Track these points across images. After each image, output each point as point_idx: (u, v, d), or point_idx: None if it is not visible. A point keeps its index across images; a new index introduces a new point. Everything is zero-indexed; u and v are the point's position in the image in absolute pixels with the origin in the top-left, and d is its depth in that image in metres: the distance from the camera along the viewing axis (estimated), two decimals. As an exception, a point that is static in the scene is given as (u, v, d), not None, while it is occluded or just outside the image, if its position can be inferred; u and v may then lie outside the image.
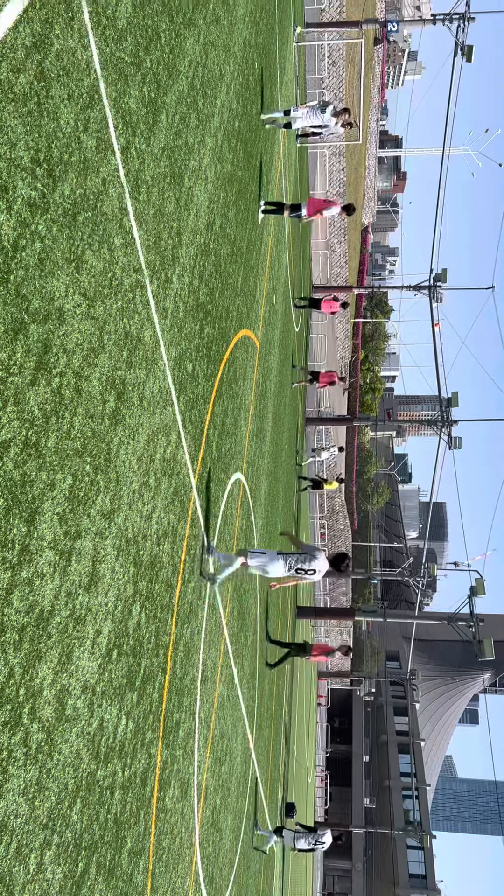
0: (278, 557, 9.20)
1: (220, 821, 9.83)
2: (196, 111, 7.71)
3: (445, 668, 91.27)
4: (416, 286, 35.72)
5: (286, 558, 9.24)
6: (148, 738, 6.07)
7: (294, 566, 9.24)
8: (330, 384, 25.81)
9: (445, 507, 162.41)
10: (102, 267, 4.78)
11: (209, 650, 8.80)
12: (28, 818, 3.80)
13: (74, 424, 4.35)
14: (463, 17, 30.11)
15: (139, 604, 5.76)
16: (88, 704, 4.65)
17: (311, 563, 9.25)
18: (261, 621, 14.80)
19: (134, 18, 5.45)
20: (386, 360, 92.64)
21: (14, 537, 3.61)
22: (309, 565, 9.24)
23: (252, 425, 13.04)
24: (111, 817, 5.11)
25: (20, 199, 3.62)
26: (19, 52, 3.61)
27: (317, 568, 9.30)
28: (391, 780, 63.00)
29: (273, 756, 18.11)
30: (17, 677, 3.66)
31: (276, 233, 17.23)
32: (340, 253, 46.28)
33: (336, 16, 35.25)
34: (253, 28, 12.48)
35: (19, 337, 3.63)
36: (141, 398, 5.72)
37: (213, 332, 8.90)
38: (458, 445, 32.05)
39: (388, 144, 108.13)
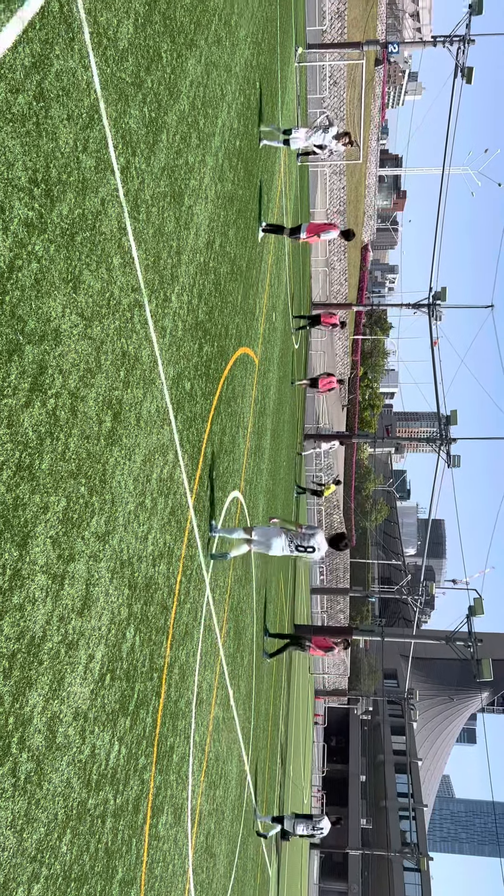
0: (280, 533, 9.45)
1: (214, 846, 9.66)
2: (197, 130, 7.72)
3: (443, 687, 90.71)
4: (415, 304, 35.82)
5: (287, 535, 9.48)
6: (141, 764, 5.96)
7: (294, 543, 9.46)
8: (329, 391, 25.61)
9: (444, 524, 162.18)
10: (100, 287, 4.74)
11: (205, 672, 8.69)
12: (16, 851, 3.70)
13: (69, 446, 4.29)
14: (463, 40, 30.41)
15: (133, 627, 5.67)
16: (80, 731, 4.56)
17: (310, 541, 9.44)
18: (258, 641, 14.66)
19: (135, 39, 5.45)
20: (385, 377, 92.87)
21: (5, 562, 3.54)
22: (308, 542, 9.43)
23: (250, 443, 12.99)
24: (102, 847, 5.00)
25: (17, 219, 3.58)
26: (18, 72, 3.58)
27: (316, 545, 9.46)
28: (388, 801, 62.43)
29: (269, 777, 17.89)
30: (7, 706, 3.57)
31: (275, 251, 17.27)
32: (340, 270, 46.49)
33: (337, 37, 35.62)
34: (255, 48, 12.57)
35: (14, 358, 3.58)
36: (138, 418, 5.66)
37: (212, 351, 8.86)
38: (457, 464, 32.00)
39: (388, 163, 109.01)
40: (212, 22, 8.46)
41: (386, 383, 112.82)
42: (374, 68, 50.88)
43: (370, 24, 46.94)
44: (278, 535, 9.42)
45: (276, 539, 9.40)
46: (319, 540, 9.48)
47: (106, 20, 4.81)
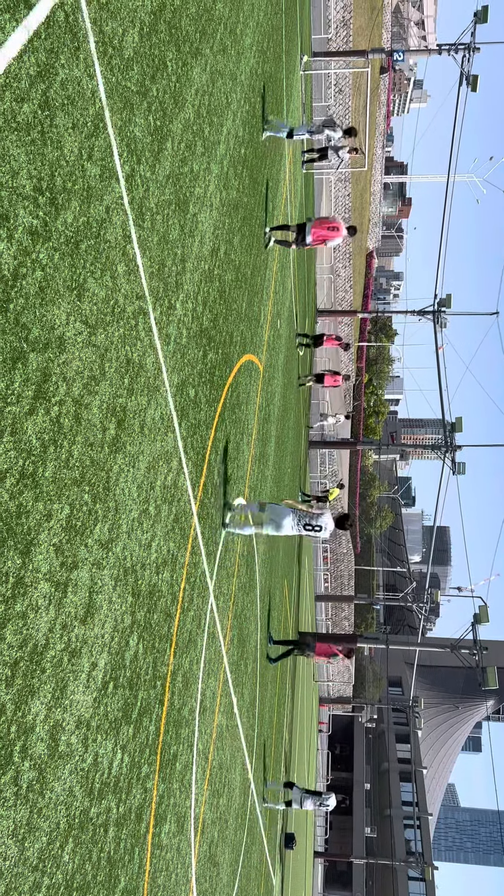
0: (290, 512, 9.87)
1: (218, 855, 9.61)
2: (202, 139, 7.75)
3: (448, 695, 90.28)
4: (420, 311, 35.83)
5: (296, 514, 9.87)
6: (144, 772, 5.93)
7: (303, 522, 9.87)
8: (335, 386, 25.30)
9: (449, 531, 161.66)
10: (105, 294, 4.75)
11: (208, 680, 8.67)
12: (17, 860, 3.68)
13: (73, 453, 4.29)
14: (468, 48, 30.50)
15: (137, 634, 5.66)
16: (83, 739, 4.54)
17: (318, 520, 9.84)
18: (262, 648, 14.62)
19: (141, 48, 5.48)
20: (390, 384, 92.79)
21: (8, 570, 3.54)
22: (317, 522, 9.83)
23: (255, 450, 12.98)
24: (104, 856, 4.97)
25: (21, 227, 3.59)
26: (23, 81, 3.60)
27: (323, 524, 9.85)
28: (392, 809, 62.10)
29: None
30: (9, 714, 3.56)
31: (280, 258, 17.30)
32: (345, 277, 46.54)
33: (342, 45, 35.75)
34: (260, 57, 12.62)
35: (18, 366, 3.58)
36: (142, 425, 5.66)
37: (217, 358, 8.87)
38: (463, 471, 31.94)
39: (393, 170, 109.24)
40: (217, 31, 8.50)
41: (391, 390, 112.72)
42: (379, 76, 51.03)
43: (375, 33, 47.10)
44: (288, 515, 9.80)
45: (287, 518, 9.76)
46: (327, 520, 9.85)
47: (111, 29, 4.83)
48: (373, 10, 45.33)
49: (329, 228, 13.77)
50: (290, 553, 23.63)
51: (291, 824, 24.05)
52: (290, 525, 9.79)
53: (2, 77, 3.39)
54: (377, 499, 78.67)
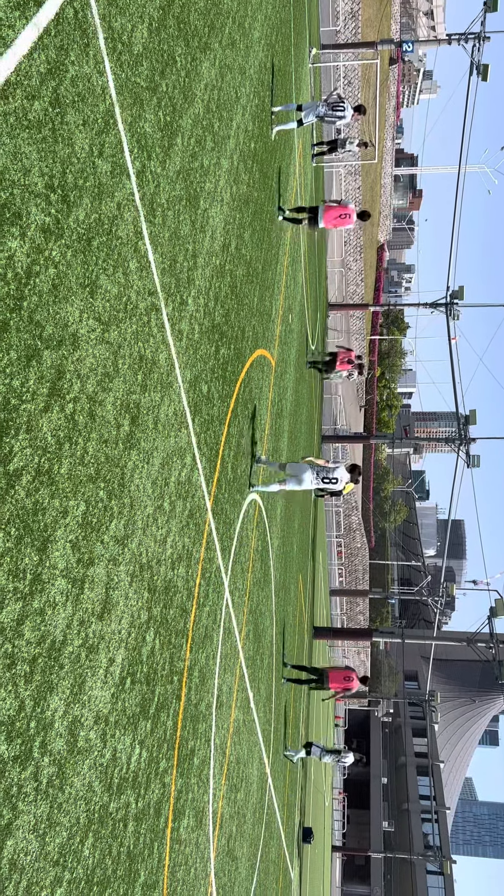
0: (308, 468, 11.20)
1: (236, 849, 9.64)
2: (212, 133, 7.73)
3: (465, 689, 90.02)
4: (432, 303, 35.63)
5: (314, 469, 11.21)
6: (162, 767, 5.96)
7: (321, 475, 11.15)
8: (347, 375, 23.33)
9: (464, 524, 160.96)
10: (117, 291, 4.75)
11: (224, 675, 8.68)
12: (38, 855, 3.70)
13: (88, 450, 4.30)
14: (478, 37, 30.23)
15: (153, 630, 5.68)
16: (101, 735, 4.56)
17: (334, 473, 11.13)
18: (277, 643, 14.63)
19: (150, 44, 5.47)
20: (402, 377, 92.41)
21: (26, 566, 3.55)
22: (333, 474, 11.12)
23: (268, 445, 12.97)
24: (124, 850, 5.00)
25: (34, 225, 3.60)
26: (34, 79, 3.60)
27: (338, 476, 11.17)
28: (410, 803, 62.02)
29: (289, 780, 17.84)
30: (28, 710, 3.58)
31: (291, 252, 17.25)
32: (356, 271, 46.34)
33: (351, 37, 35.55)
34: (269, 51, 12.56)
35: (32, 363, 3.59)
36: (156, 421, 5.67)
37: (229, 353, 8.86)
38: (477, 463, 31.77)
39: (403, 163, 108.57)
40: (226, 25, 8.47)
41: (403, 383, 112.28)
42: (388, 67, 50.73)
43: (384, 24, 46.79)
44: (307, 470, 11.07)
45: (307, 473, 11.03)
46: (341, 472, 11.18)
47: (120, 25, 4.82)
48: (381, 1, 45.02)
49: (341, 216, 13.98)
50: (305, 548, 23.62)
51: (309, 818, 24.11)
52: (310, 479, 10.98)
53: (13, 75, 3.39)
54: (391, 493, 78.47)
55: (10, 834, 3.41)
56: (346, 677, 15.84)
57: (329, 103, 14.14)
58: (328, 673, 16.04)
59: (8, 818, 3.39)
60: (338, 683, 15.87)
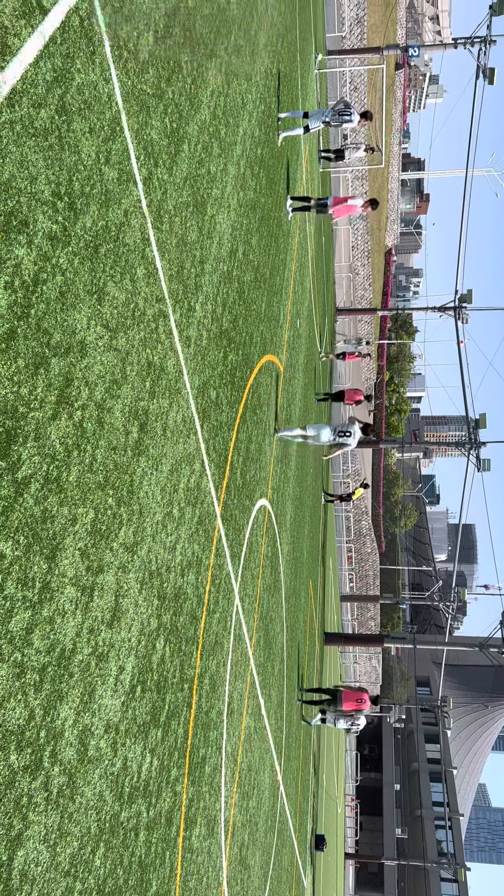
0: (327, 425, 13.32)
1: (248, 857, 9.58)
2: (218, 140, 7.74)
3: (477, 694, 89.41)
4: (441, 307, 35.55)
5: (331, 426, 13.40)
6: (173, 776, 5.92)
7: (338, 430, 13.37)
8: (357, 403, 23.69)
9: (475, 529, 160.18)
10: (125, 298, 4.74)
11: (235, 682, 8.64)
12: (49, 865, 3.68)
13: (97, 457, 4.29)
14: (484, 41, 30.21)
15: (163, 637, 5.65)
16: (111, 744, 4.54)
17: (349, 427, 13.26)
18: (288, 650, 14.57)
19: (156, 51, 5.47)
20: (411, 381, 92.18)
21: (35, 575, 3.54)
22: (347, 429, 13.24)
23: (277, 450, 12.94)
24: (135, 860, 4.97)
25: (41, 232, 3.60)
26: (40, 87, 3.60)
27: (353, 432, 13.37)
28: (423, 810, 61.60)
29: (302, 787, 17.75)
30: (38, 719, 3.56)
31: (299, 257, 17.24)
32: (364, 276, 46.31)
33: (357, 43, 35.60)
34: (274, 57, 12.58)
35: (40, 371, 3.58)
36: (164, 428, 5.66)
37: (237, 359, 8.85)
38: (487, 467, 31.61)
39: (410, 167, 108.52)
40: (231, 32, 8.48)
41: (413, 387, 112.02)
42: (394, 72, 50.75)
43: (390, 29, 46.85)
44: (325, 427, 13.24)
45: (325, 430, 13.17)
46: (356, 429, 13.41)
47: (126, 33, 4.83)
48: (387, 6, 45.10)
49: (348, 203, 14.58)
50: (315, 553, 23.54)
51: (321, 825, 23.97)
52: (328, 435, 13.15)
53: (19, 83, 3.39)
54: (401, 497, 78.17)
55: (20, 844, 3.38)
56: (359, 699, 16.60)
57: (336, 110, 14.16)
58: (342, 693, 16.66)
59: (18, 828, 3.37)
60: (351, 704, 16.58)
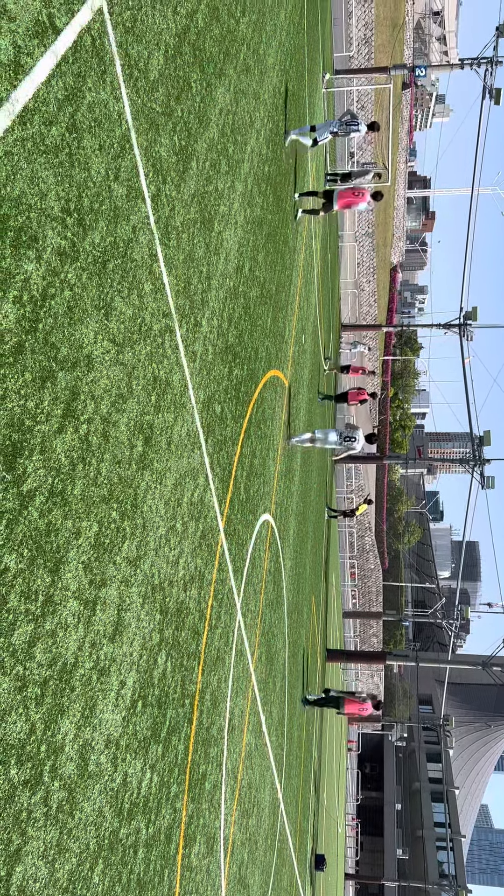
0: (334, 431, 14.76)
1: (248, 877, 9.49)
2: (226, 157, 7.81)
3: (480, 713, 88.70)
4: (446, 324, 35.64)
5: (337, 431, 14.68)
6: (173, 792, 5.88)
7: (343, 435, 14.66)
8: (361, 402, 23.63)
9: (478, 546, 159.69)
10: (132, 313, 4.78)
11: (236, 698, 8.60)
12: (47, 882, 3.65)
13: (101, 471, 4.30)
14: (491, 62, 30.50)
15: (165, 652, 5.64)
16: (112, 759, 4.52)
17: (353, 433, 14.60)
18: (290, 666, 14.50)
19: (166, 70, 5.55)
20: (416, 397, 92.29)
21: (38, 588, 3.54)
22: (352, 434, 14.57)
23: (280, 465, 12.95)
24: (134, 877, 4.93)
25: (50, 248, 3.63)
26: (52, 105, 3.65)
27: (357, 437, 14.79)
28: (424, 830, 60.96)
29: (302, 806, 17.59)
30: (39, 734, 3.55)
31: (304, 273, 17.34)
32: (369, 292, 46.50)
33: (364, 62, 35.96)
34: (283, 76, 12.72)
35: (47, 385, 3.61)
36: (169, 442, 5.67)
37: (242, 374, 8.88)
38: (491, 485, 31.57)
39: (416, 185, 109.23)
40: (240, 51, 8.59)
41: (417, 404, 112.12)
42: (401, 92, 51.22)
43: (397, 49, 47.35)
44: (333, 432, 14.62)
45: (332, 434, 14.57)
46: (360, 434, 14.89)
47: (137, 52, 4.90)
48: (394, 26, 45.60)
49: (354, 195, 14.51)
50: (318, 569, 23.47)
51: (322, 845, 23.72)
52: (335, 439, 14.46)
53: (31, 101, 3.44)
54: (405, 514, 78.01)
55: (19, 860, 3.36)
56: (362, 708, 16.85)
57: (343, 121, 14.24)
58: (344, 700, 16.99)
59: (17, 844, 3.35)
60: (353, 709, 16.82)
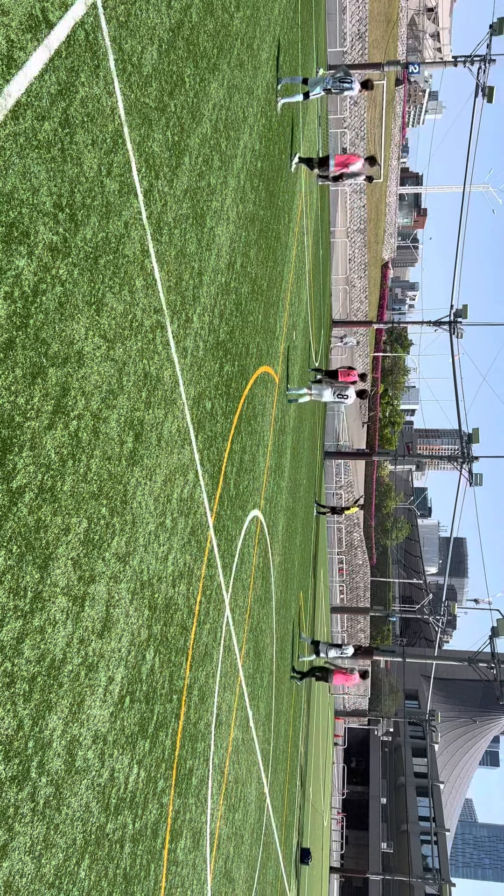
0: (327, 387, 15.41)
1: (233, 871, 9.53)
2: (219, 153, 7.79)
3: (465, 709, 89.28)
4: (436, 322, 35.73)
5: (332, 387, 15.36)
6: (160, 787, 5.90)
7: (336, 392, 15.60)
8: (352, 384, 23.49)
9: (466, 542, 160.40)
10: (123, 309, 4.77)
11: (224, 693, 8.63)
12: (34, 877, 3.66)
13: (91, 467, 4.30)
14: (484, 59, 30.53)
15: (153, 648, 5.65)
16: (99, 755, 4.53)
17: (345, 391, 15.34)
18: (278, 661, 14.54)
19: (159, 65, 5.52)
20: (405, 394, 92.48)
21: (27, 584, 3.54)
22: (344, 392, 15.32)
23: (270, 461, 12.96)
24: (120, 872, 4.94)
25: (42, 243, 3.62)
26: (44, 99, 3.63)
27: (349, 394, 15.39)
28: (409, 824, 61.33)
29: (288, 800, 17.67)
30: (27, 729, 3.56)
31: (296, 269, 17.33)
32: (360, 288, 46.52)
33: (358, 58, 35.90)
34: (277, 72, 12.68)
35: (37, 381, 3.60)
36: (159, 438, 5.67)
37: (233, 370, 8.88)
38: (479, 482, 31.72)
39: (408, 181, 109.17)
40: (234, 46, 8.56)
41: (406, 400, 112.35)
42: (394, 88, 51.17)
43: (391, 45, 47.26)
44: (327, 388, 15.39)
45: (327, 390, 15.31)
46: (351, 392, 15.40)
47: (130, 47, 4.87)
48: (388, 22, 45.52)
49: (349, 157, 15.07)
50: (306, 565, 23.53)
51: (307, 839, 23.84)
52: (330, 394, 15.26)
53: (23, 96, 3.42)
54: (393, 510, 78.26)
55: (5, 855, 3.37)
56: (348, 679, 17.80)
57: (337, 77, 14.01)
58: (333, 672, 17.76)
59: (4, 839, 3.36)
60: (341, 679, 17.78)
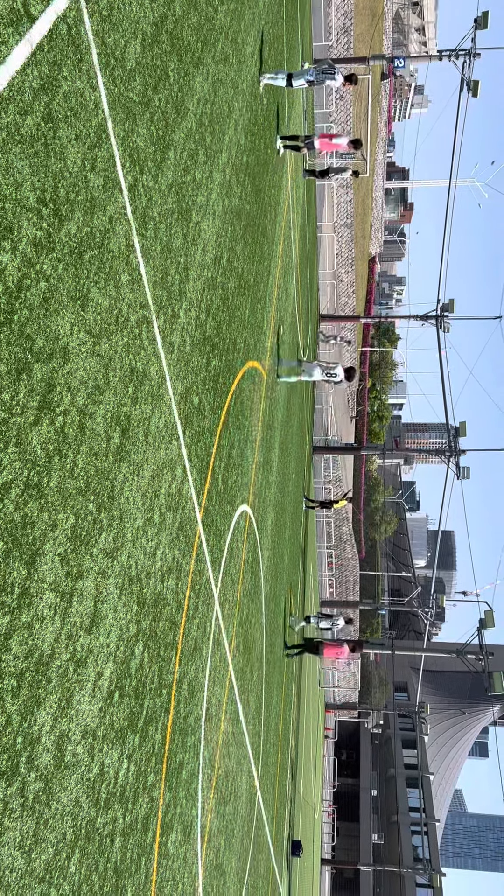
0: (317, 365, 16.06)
1: (225, 864, 9.58)
2: (204, 147, 7.78)
3: (455, 700, 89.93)
4: (423, 316, 35.85)
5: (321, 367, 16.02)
6: (150, 781, 5.92)
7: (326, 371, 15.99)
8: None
9: (454, 535, 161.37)
10: (108, 304, 4.76)
11: (214, 687, 8.65)
12: (24, 872, 3.67)
13: (78, 463, 4.30)
14: (469, 54, 30.58)
15: (142, 643, 5.66)
16: (89, 749, 4.54)
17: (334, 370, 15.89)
18: (267, 655, 14.59)
19: (143, 59, 5.51)
20: (393, 388, 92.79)
21: (14, 580, 3.54)
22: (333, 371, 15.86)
23: (259, 456, 12.98)
24: (111, 866, 4.96)
25: (25, 238, 3.61)
26: (27, 94, 3.62)
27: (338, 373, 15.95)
28: (399, 816, 61.81)
29: (279, 793, 17.76)
30: (15, 725, 3.56)
31: (283, 264, 17.33)
32: (348, 283, 46.58)
33: (343, 52, 35.85)
34: (262, 65, 12.65)
35: (22, 377, 3.59)
36: (146, 433, 5.67)
37: (220, 365, 8.88)
38: (467, 475, 31.90)
39: (395, 176, 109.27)
40: (218, 40, 8.54)
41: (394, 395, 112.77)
42: (380, 82, 51.16)
43: (376, 39, 47.22)
44: (317, 367, 15.97)
45: (316, 370, 15.93)
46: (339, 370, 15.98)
47: (114, 41, 4.86)
48: (373, 16, 45.49)
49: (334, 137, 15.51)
50: (295, 559, 23.60)
51: (298, 831, 23.97)
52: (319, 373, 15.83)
53: (5, 90, 3.41)
54: (381, 503, 78.56)
55: (-5, 851, 3.38)
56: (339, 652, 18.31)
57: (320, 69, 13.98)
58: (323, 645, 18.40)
59: (-7, 835, 3.36)
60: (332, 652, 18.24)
